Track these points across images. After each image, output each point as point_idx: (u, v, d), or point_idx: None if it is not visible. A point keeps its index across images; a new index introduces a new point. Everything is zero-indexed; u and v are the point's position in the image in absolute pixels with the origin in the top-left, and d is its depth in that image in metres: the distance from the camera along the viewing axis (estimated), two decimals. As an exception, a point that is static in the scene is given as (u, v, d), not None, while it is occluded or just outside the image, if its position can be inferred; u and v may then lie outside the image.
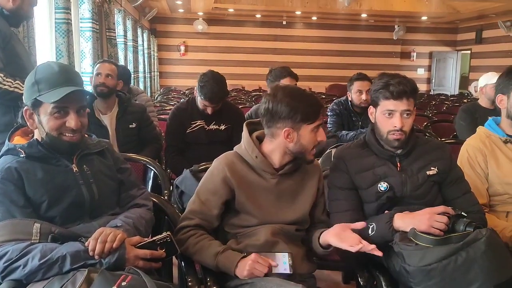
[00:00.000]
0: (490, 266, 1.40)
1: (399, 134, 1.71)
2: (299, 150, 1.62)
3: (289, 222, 1.66)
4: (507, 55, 11.92)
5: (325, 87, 13.54)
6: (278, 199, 1.66)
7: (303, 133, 1.59)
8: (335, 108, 3.65)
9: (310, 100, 1.61)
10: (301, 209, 1.68)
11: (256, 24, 13.67)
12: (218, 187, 1.63)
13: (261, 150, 1.66)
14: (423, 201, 1.72)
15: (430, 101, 8.38)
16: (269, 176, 1.65)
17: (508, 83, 1.93)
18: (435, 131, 4.21)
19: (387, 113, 1.72)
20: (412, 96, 1.71)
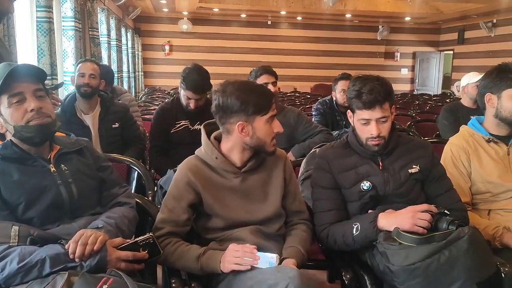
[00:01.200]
0: (473, 264, 1.41)
1: (377, 141, 1.72)
2: (257, 143, 1.59)
3: (263, 220, 1.63)
4: (489, 55, 12.11)
5: (310, 87, 13.59)
6: (246, 198, 1.64)
7: (258, 126, 1.56)
8: (319, 108, 3.67)
9: (260, 91, 1.59)
10: (273, 204, 1.66)
11: (241, 24, 13.65)
12: (183, 192, 1.61)
13: (221, 150, 1.64)
14: (406, 199, 1.73)
15: (413, 100, 8.46)
16: (232, 175, 1.63)
17: (499, 83, 1.94)
18: (418, 130, 4.25)
19: (363, 122, 1.73)
20: (386, 101, 1.70)
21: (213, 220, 1.62)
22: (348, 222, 1.71)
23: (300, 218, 1.73)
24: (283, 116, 2.94)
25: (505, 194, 1.90)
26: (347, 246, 1.68)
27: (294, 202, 1.74)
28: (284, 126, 2.85)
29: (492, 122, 1.99)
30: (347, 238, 1.66)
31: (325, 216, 1.76)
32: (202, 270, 1.51)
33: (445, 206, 1.66)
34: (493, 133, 1.99)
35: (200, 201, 1.61)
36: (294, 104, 6.79)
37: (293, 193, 1.74)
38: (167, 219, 1.60)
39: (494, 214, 1.91)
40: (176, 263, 1.55)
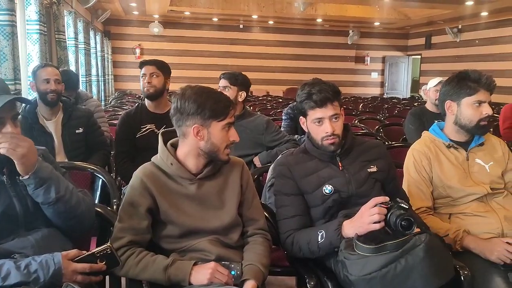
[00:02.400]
0: (429, 272, 1.43)
1: (333, 139, 1.75)
2: (211, 149, 1.58)
3: (220, 228, 1.61)
4: (455, 60, 12.46)
5: (282, 90, 13.67)
6: (202, 205, 1.62)
7: (213, 131, 1.56)
8: (289, 112, 3.68)
9: (217, 97, 1.59)
10: (229, 211, 1.64)
11: (213, 28, 13.62)
12: (139, 198, 1.58)
13: (176, 156, 1.63)
14: (368, 198, 1.73)
15: (383, 104, 8.60)
16: (187, 182, 1.61)
17: (459, 91, 1.97)
18: (386, 134, 4.31)
19: (317, 122, 1.76)
20: (336, 100, 1.75)
21: (168, 228, 1.60)
22: (313, 229, 1.71)
23: (256, 227, 1.70)
24: (252, 121, 2.94)
25: (465, 199, 1.94)
26: (311, 253, 1.68)
27: (250, 209, 1.72)
28: (252, 131, 2.90)
29: (452, 128, 2.03)
30: (312, 245, 1.66)
31: (289, 223, 1.76)
32: (170, 281, 1.48)
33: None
34: (453, 139, 2.04)
35: (156, 207, 1.59)
36: (265, 108, 6.81)
37: (250, 200, 1.73)
38: (127, 227, 1.56)
39: (455, 217, 1.95)
40: (141, 275, 1.51)
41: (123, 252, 1.52)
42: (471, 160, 2.00)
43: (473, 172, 1.98)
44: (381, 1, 9.46)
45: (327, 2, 10.55)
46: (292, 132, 3.50)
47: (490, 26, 11.22)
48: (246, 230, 1.70)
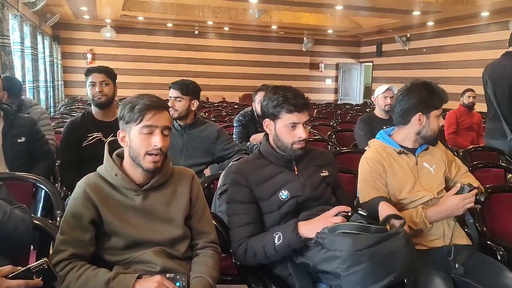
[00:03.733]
0: (407, 260, 1.49)
1: (303, 143, 1.80)
2: (133, 156, 1.54)
3: (167, 241, 1.58)
4: (404, 67, 12.94)
5: (238, 97, 13.71)
6: (148, 217, 1.58)
7: (132, 136, 1.53)
8: (241, 119, 3.67)
9: (135, 100, 1.54)
10: (176, 224, 1.61)
11: (168, 33, 13.48)
12: (82, 209, 1.53)
13: (122, 167, 1.59)
14: (321, 201, 1.80)
15: (336, 110, 8.79)
16: (132, 193, 1.57)
17: (431, 104, 2.00)
18: (338, 140, 4.39)
19: (290, 126, 1.79)
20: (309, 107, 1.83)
21: (112, 239, 1.55)
22: (267, 234, 1.71)
23: (207, 240, 1.68)
24: (204, 130, 2.91)
25: (413, 203, 2.01)
26: (267, 258, 1.68)
27: (200, 222, 1.69)
28: (204, 140, 2.88)
29: (409, 136, 2.06)
30: (268, 249, 1.65)
31: (241, 231, 1.75)
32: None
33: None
34: (403, 144, 2.08)
35: (99, 218, 1.54)
36: (220, 114, 6.78)
37: (200, 213, 1.70)
38: (69, 240, 1.50)
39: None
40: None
41: (64, 265, 1.46)
42: (420, 164, 2.06)
43: (421, 176, 2.04)
44: (333, 9, 9.67)
45: (282, 9, 10.69)
46: (244, 139, 3.49)
47: (436, 35, 11.73)
48: (196, 243, 1.67)
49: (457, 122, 5.21)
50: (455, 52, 11.05)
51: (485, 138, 3.85)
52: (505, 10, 8.77)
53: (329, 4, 9.04)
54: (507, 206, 2.37)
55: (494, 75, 3.73)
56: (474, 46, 10.44)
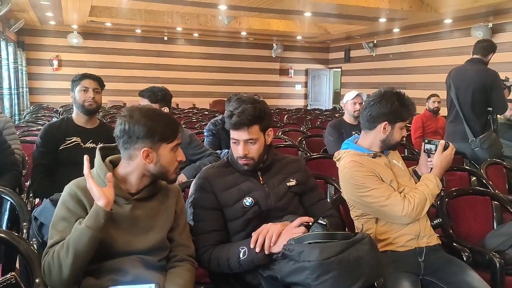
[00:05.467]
0: (374, 264, 1.53)
1: (246, 161, 1.80)
2: (160, 171, 1.60)
3: (146, 250, 1.58)
4: (371, 73, 13.20)
5: (209, 103, 13.65)
6: (134, 226, 1.58)
7: (163, 153, 1.57)
8: (211, 128, 3.64)
9: (167, 119, 1.61)
10: (158, 235, 1.62)
11: (137, 39, 13.33)
12: (72, 210, 1.52)
13: (115, 174, 1.59)
14: (287, 212, 1.81)
15: (306, 116, 8.88)
16: (123, 201, 1.58)
17: (398, 116, 2.04)
18: (308, 146, 4.44)
19: (233, 141, 1.82)
20: (256, 124, 1.77)
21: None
22: (233, 245, 1.71)
23: (186, 253, 1.69)
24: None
25: None
26: (231, 270, 1.68)
27: (181, 235, 1.71)
28: (177, 145, 2.86)
29: (375, 143, 2.10)
30: (232, 261, 1.66)
31: (206, 238, 1.76)
32: (88, 226, 1.43)
33: (318, 214, 1.81)
34: (371, 149, 2.12)
35: None
36: (191, 121, 6.75)
37: (182, 226, 1.72)
38: (59, 241, 1.49)
39: (380, 221, 2.05)
40: (69, 248, 1.45)
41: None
42: (391, 162, 2.12)
43: (396, 173, 2.09)
44: (302, 16, 9.79)
45: (251, 16, 10.74)
46: (215, 149, 3.44)
47: (402, 41, 12.02)
48: (175, 254, 1.68)
49: (423, 127, 5.36)
50: (420, 58, 11.36)
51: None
52: (467, 18, 9.08)
53: (297, 11, 9.14)
54: (472, 208, 2.46)
55: (457, 79, 3.87)
56: (438, 52, 10.76)
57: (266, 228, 1.65)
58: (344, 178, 2.07)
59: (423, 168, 2.17)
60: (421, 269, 1.96)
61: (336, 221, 1.88)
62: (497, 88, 3.73)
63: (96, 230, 1.44)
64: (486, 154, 3.65)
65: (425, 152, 2.14)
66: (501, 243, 2.17)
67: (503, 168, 3.57)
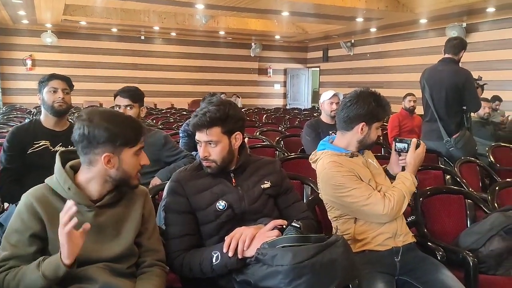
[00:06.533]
0: (348, 266, 1.51)
1: (207, 163, 1.77)
2: (122, 176, 1.53)
3: (113, 258, 1.53)
4: (349, 72, 13.31)
5: (187, 103, 13.57)
6: (98, 234, 1.52)
7: (125, 158, 1.52)
8: (187, 129, 3.56)
9: (130, 122, 1.55)
10: (125, 242, 1.57)
11: (113, 38, 13.14)
12: (27, 223, 1.45)
13: (76, 180, 1.53)
14: (261, 214, 1.77)
15: (285, 115, 8.87)
16: (84, 209, 1.51)
17: (375, 117, 2.04)
18: (286, 146, 4.42)
19: (197, 142, 1.79)
20: (216, 126, 1.74)
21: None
22: (206, 250, 1.67)
23: (155, 258, 1.64)
24: (150, 137, 2.84)
25: None
26: (203, 274, 1.65)
27: (150, 239, 1.66)
28: (151, 146, 2.81)
29: (352, 143, 2.08)
30: (205, 266, 1.62)
31: (178, 243, 1.72)
32: (45, 275, 1.36)
33: (293, 216, 1.78)
34: (348, 149, 2.11)
35: (44, 235, 1.46)
36: (168, 121, 6.66)
37: (150, 231, 1.67)
38: (10, 256, 1.43)
39: (359, 220, 2.03)
40: (19, 286, 1.39)
41: (2, 277, 1.41)
42: (368, 161, 2.11)
43: (372, 171, 2.08)
44: (280, 15, 9.80)
45: (229, 15, 10.70)
46: (190, 150, 3.38)
47: (378, 41, 12.15)
48: (144, 260, 1.62)
49: (399, 125, 5.40)
50: (396, 57, 11.51)
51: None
52: (442, 18, 9.24)
53: (275, 10, 9.15)
54: (446, 207, 2.47)
55: (431, 79, 3.90)
56: (414, 52, 10.92)
57: (239, 232, 1.62)
58: (323, 179, 2.05)
59: (394, 167, 2.18)
60: (396, 269, 1.96)
61: (310, 223, 1.85)
62: (470, 87, 3.77)
63: (51, 281, 1.37)
64: (460, 153, 3.69)
65: (396, 151, 2.15)
66: (474, 242, 2.18)
67: (476, 166, 3.63)
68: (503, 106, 6.68)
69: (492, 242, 2.14)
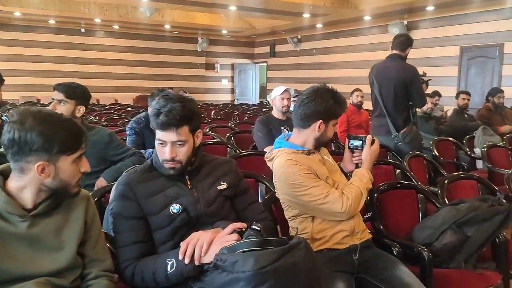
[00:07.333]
0: (312, 267, 1.46)
1: (172, 164, 1.66)
2: (59, 185, 1.38)
3: (55, 272, 1.38)
4: (296, 67, 13.44)
5: (132, 98, 13.18)
6: (35, 246, 1.37)
7: (63, 166, 1.36)
8: (134, 127, 3.41)
9: (69, 126, 1.38)
10: (67, 253, 1.42)
11: (51, 31, 12.49)
12: None
13: (6, 188, 1.37)
14: (218, 217, 1.69)
15: (234, 111, 8.78)
16: (17, 219, 1.35)
17: (333, 114, 2.00)
18: (237, 142, 4.34)
19: (159, 142, 1.67)
20: (185, 125, 1.64)
21: None
22: (160, 257, 1.57)
23: (101, 268, 1.50)
24: (93, 135, 2.68)
25: None
26: (157, 284, 1.54)
27: (95, 248, 1.51)
28: (95, 144, 2.64)
29: (309, 141, 2.04)
30: (159, 275, 1.52)
31: (129, 251, 1.60)
32: None
33: (251, 218, 1.72)
34: (305, 147, 2.06)
35: None
36: (112, 118, 6.38)
37: (95, 239, 1.52)
38: None
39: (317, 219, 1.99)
40: None
41: None
42: (324, 158, 2.08)
43: (328, 168, 2.05)
44: (227, 10, 9.69)
45: (174, 8, 10.44)
46: (139, 149, 3.21)
47: (325, 37, 12.35)
48: (89, 272, 1.48)
49: (347, 121, 5.48)
50: (342, 53, 11.74)
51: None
52: (384, 15, 9.51)
53: (222, 4, 9.04)
54: (399, 202, 2.50)
55: (379, 76, 3.97)
56: (359, 48, 11.18)
57: (195, 237, 1.52)
58: (280, 178, 1.99)
59: (348, 165, 2.16)
60: (355, 268, 1.95)
61: (269, 225, 1.80)
62: (416, 83, 3.88)
63: None
64: (408, 148, 3.78)
65: (350, 148, 2.13)
66: (428, 236, 2.21)
67: (423, 160, 3.74)
68: (441, 101, 6.96)
69: (444, 236, 2.18)
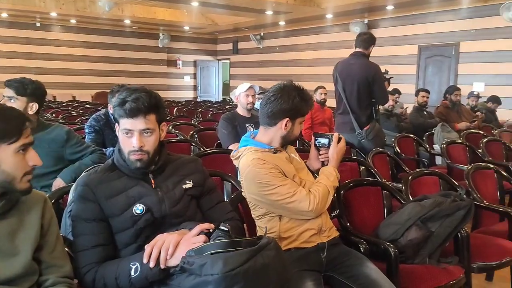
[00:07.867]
0: (281, 268, 1.43)
1: (140, 154, 1.60)
2: (4, 179, 1.30)
3: (8, 280, 1.29)
4: (259, 65, 13.45)
5: (91, 95, 12.84)
6: None
7: (4, 157, 1.28)
8: (94, 124, 3.28)
9: (6, 113, 1.32)
10: (22, 258, 1.33)
11: (3, 25, 11.96)
12: None
13: None
14: (184, 217, 1.64)
15: (196, 108, 8.67)
16: None
17: (299, 112, 1.97)
18: (201, 140, 4.27)
19: (125, 133, 1.60)
20: (153, 113, 1.60)
21: None
22: (122, 261, 1.49)
23: (59, 275, 1.41)
24: (49, 133, 2.55)
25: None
26: None
27: (52, 253, 1.42)
28: (52, 143, 2.51)
29: (276, 139, 2.01)
30: (122, 280, 1.44)
31: (89, 255, 1.51)
32: None
33: (218, 218, 1.68)
34: (271, 145, 2.03)
35: None
36: (70, 115, 6.15)
37: (52, 243, 1.43)
38: None
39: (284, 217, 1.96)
40: None
41: None
42: (290, 156, 2.05)
43: (295, 166, 2.02)
44: (189, 5, 9.55)
45: (134, 3, 10.20)
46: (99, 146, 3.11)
47: (287, 34, 12.40)
48: (46, 278, 1.39)
49: (311, 118, 5.51)
50: (305, 51, 11.83)
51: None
52: (346, 14, 9.64)
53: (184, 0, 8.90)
54: (365, 199, 2.51)
55: (343, 73, 4.00)
56: (322, 46, 11.29)
57: (161, 239, 1.46)
58: (247, 177, 1.94)
59: (314, 163, 2.15)
60: (323, 266, 1.94)
61: (237, 225, 1.76)
62: (379, 80, 3.93)
63: None
64: (371, 144, 3.83)
65: (317, 146, 2.12)
66: (393, 232, 2.23)
67: (386, 157, 3.80)
68: (401, 98, 7.12)
69: (410, 231, 2.20)
